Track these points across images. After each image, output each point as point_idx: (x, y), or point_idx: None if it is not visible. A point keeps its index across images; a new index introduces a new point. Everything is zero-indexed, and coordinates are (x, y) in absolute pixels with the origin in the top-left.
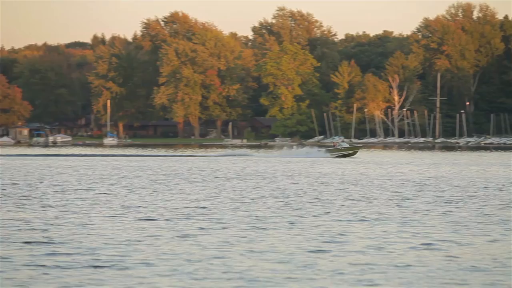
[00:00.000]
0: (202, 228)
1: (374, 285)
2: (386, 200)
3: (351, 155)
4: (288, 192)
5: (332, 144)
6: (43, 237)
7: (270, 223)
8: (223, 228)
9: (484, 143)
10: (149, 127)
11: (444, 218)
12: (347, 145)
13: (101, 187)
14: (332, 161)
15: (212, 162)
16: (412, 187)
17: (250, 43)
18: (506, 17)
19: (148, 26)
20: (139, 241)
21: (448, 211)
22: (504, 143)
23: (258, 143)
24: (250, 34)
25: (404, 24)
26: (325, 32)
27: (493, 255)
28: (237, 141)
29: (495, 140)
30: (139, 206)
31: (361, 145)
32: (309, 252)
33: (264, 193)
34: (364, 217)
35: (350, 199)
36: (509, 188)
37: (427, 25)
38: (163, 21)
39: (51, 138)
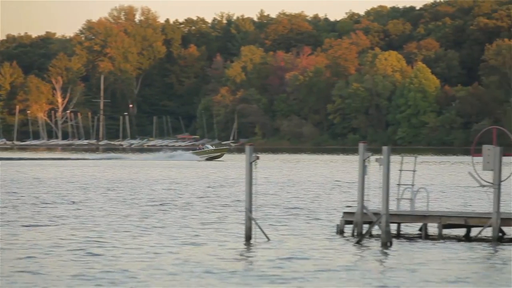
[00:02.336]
0: None
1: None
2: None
3: (218, 157)
4: None
5: (198, 147)
6: None
7: None
8: None
9: (147, 145)
10: None
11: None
12: (213, 148)
13: None
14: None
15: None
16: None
17: None
18: (167, 21)
19: None
20: None
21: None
22: (167, 145)
23: None
24: None
25: (67, 25)
26: None
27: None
28: None
29: (157, 142)
30: None
31: (227, 147)
32: None
33: None
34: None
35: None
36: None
37: (90, 27)
38: None
39: None
